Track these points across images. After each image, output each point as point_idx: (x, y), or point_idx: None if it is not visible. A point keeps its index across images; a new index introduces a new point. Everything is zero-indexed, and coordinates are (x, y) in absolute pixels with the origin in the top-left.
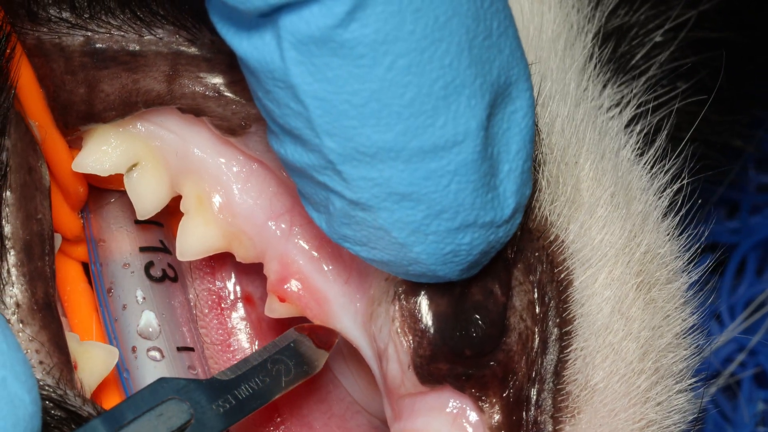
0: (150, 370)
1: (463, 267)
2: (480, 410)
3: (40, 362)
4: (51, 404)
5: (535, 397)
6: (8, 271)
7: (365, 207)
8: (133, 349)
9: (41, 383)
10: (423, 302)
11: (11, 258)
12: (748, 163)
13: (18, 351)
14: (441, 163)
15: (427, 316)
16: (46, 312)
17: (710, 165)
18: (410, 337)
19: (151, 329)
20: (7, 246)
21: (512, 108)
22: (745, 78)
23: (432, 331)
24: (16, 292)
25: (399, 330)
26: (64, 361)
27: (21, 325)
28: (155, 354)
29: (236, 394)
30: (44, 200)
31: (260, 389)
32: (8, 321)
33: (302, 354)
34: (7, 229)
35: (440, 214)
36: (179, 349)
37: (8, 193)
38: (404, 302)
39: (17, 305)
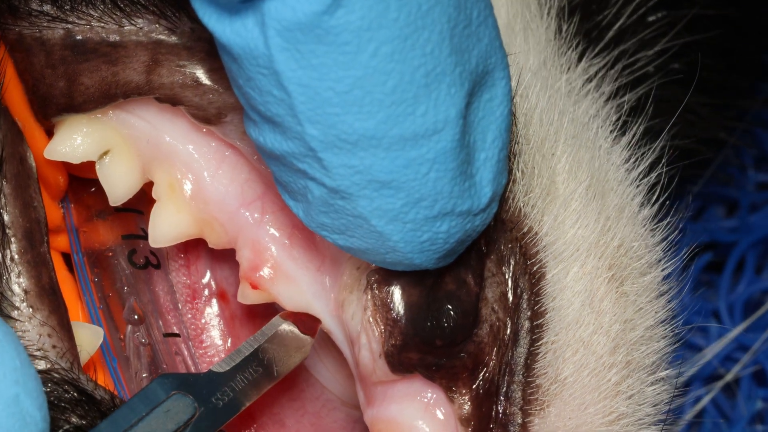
0: (137, 357)
1: (439, 255)
2: (450, 400)
3: (54, 346)
4: (67, 386)
5: (504, 389)
6: (12, 259)
7: (345, 195)
8: (120, 337)
9: (56, 367)
10: (395, 292)
11: (14, 246)
12: (747, 162)
13: (30, 367)
14: (421, 151)
15: (399, 306)
16: (53, 297)
17: (700, 160)
18: (382, 327)
19: (136, 316)
20: (9, 234)
21: (488, 96)
22: (735, 68)
23: (403, 320)
24: (23, 279)
25: (371, 319)
26: (72, 345)
27: (31, 310)
28: (141, 341)
29: (233, 386)
30: (36, 188)
31: (255, 379)
32: (18, 308)
33: (289, 342)
34: (7, 218)
35: (419, 202)
36: (165, 335)
37: (4, 182)
38: (377, 291)
39: (25, 292)
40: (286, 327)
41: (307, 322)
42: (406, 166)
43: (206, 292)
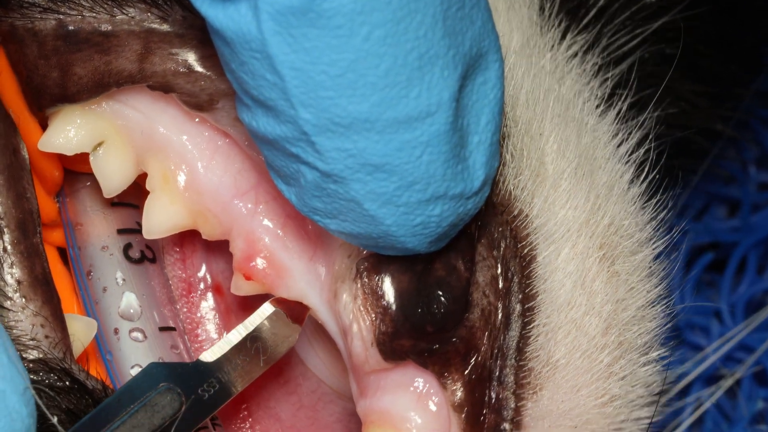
0: (133, 351)
1: (432, 239)
2: (443, 387)
3: (46, 336)
4: (59, 375)
5: (497, 373)
6: (5, 249)
7: (338, 179)
8: (116, 331)
9: (49, 356)
10: (385, 279)
11: (7, 236)
12: (749, 161)
13: (18, 363)
14: (414, 134)
15: (389, 293)
16: (46, 287)
17: (698, 151)
18: (372, 315)
19: (132, 310)
20: (2, 225)
21: (482, 79)
22: (732, 58)
23: (394, 308)
24: (15, 269)
25: (361, 307)
26: (65, 335)
27: (24, 300)
28: (137, 335)
29: (220, 378)
30: (30, 180)
31: (242, 370)
32: (11, 298)
33: (278, 330)
34: (0, 209)
35: (412, 186)
36: (161, 329)
37: None
38: (366, 280)
39: (18, 282)
40: (275, 315)
41: (295, 309)
42: (400, 149)
43: (201, 285)
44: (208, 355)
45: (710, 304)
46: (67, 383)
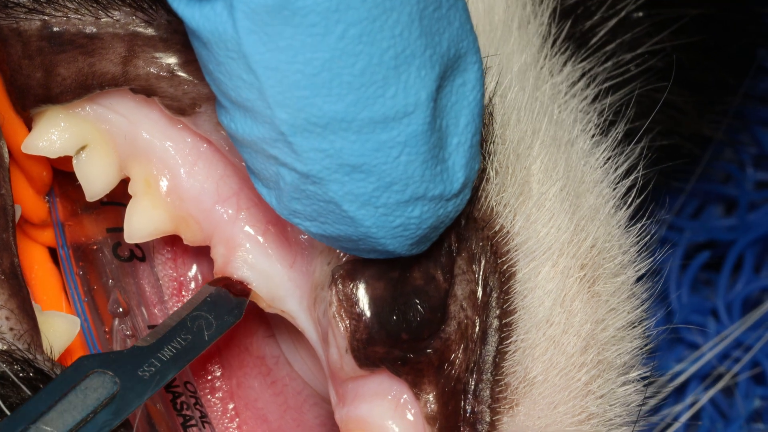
0: (122, 348)
1: (412, 241)
2: (416, 397)
3: (11, 329)
4: (22, 366)
5: (472, 387)
6: None
7: (316, 179)
8: (105, 330)
9: (13, 347)
10: (360, 286)
11: None
12: (746, 160)
13: None
14: (391, 134)
15: (363, 300)
16: (14, 281)
17: (692, 157)
18: (347, 321)
19: (121, 309)
20: None
21: (461, 80)
22: (722, 64)
23: (368, 314)
24: None
25: (336, 314)
26: (33, 327)
27: None
28: (127, 333)
29: (160, 357)
30: (6, 176)
31: (183, 348)
32: None
33: (221, 306)
34: None
35: (390, 186)
36: (150, 327)
37: None
38: (341, 286)
39: None
40: (216, 292)
41: (239, 286)
42: (377, 149)
43: (192, 285)
44: (145, 341)
45: (699, 324)
46: (31, 374)
